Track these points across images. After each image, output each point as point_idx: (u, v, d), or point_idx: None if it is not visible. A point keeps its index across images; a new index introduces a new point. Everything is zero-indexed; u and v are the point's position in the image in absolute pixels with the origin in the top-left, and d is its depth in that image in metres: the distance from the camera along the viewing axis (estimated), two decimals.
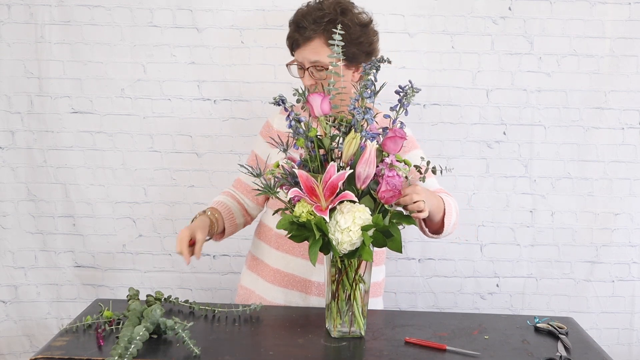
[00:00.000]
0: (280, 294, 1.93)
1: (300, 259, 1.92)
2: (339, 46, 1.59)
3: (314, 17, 1.80)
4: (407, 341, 1.64)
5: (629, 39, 2.51)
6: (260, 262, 2.00)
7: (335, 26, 1.73)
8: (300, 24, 1.82)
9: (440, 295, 2.64)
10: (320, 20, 1.80)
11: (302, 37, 1.81)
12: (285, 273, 1.94)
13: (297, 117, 1.57)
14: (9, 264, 2.60)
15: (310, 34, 1.80)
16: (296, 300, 1.93)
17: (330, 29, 1.77)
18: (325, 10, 1.82)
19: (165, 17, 2.48)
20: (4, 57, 2.49)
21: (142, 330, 1.51)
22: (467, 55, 2.52)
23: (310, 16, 1.81)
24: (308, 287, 1.93)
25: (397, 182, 1.50)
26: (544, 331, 1.76)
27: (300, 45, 1.83)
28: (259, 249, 2.02)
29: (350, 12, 1.85)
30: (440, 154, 2.54)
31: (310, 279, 1.92)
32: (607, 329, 2.65)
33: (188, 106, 2.53)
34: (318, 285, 1.92)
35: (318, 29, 1.80)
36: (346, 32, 1.78)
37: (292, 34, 1.86)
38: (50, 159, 2.55)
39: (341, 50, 1.78)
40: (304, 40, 1.81)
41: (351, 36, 1.81)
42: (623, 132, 2.56)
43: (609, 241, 2.61)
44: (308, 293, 1.93)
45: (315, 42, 1.81)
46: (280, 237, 1.94)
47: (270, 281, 1.96)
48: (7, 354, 2.61)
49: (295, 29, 1.84)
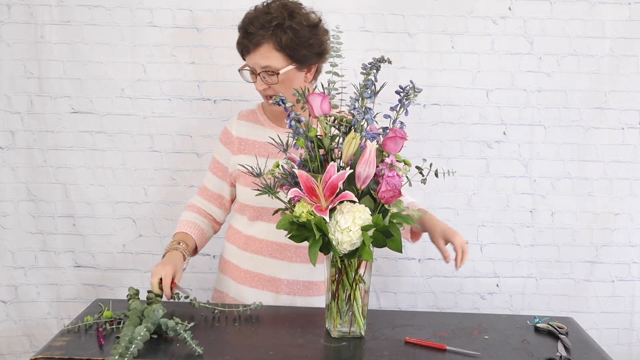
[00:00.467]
0: (251, 294, 1.94)
1: (269, 259, 1.95)
2: (337, 51, 1.59)
3: (261, 22, 1.79)
4: (407, 341, 1.64)
5: (629, 39, 2.51)
6: (231, 265, 2.02)
7: (284, 30, 1.76)
8: (248, 30, 1.80)
9: (440, 295, 2.64)
10: (268, 25, 1.78)
11: (251, 43, 1.80)
12: (255, 273, 1.96)
13: (297, 117, 1.57)
14: (9, 264, 2.60)
15: (258, 39, 1.79)
16: (267, 300, 1.95)
17: (278, 33, 1.78)
18: (272, 13, 1.80)
19: (165, 17, 2.48)
20: (4, 57, 2.49)
21: (144, 331, 1.51)
22: (467, 55, 2.52)
23: (257, 21, 1.79)
24: (278, 285, 1.95)
25: (397, 182, 1.50)
26: (544, 331, 1.76)
27: (250, 50, 1.82)
28: (230, 252, 2.05)
29: (298, 14, 1.82)
30: (440, 154, 2.54)
31: (280, 277, 1.94)
32: (607, 329, 2.65)
33: (188, 106, 2.53)
34: (288, 283, 1.95)
35: (266, 34, 1.78)
36: (295, 35, 1.79)
37: (241, 39, 1.84)
38: (50, 159, 2.55)
39: (291, 53, 1.80)
40: (253, 45, 1.80)
41: (301, 39, 1.80)
42: (623, 132, 2.56)
43: (609, 241, 2.61)
44: (278, 292, 1.95)
45: (264, 47, 1.79)
46: (248, 238, 1.98)
47: (241, 282, 1.99)
48: (7, 354, 2.61)
49: (244, 35, 1.82)
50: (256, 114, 2.02)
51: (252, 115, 2.03)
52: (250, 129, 2.00)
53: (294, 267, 1.94)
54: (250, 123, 2.01)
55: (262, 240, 1.95)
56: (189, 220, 2.00)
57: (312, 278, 1.96)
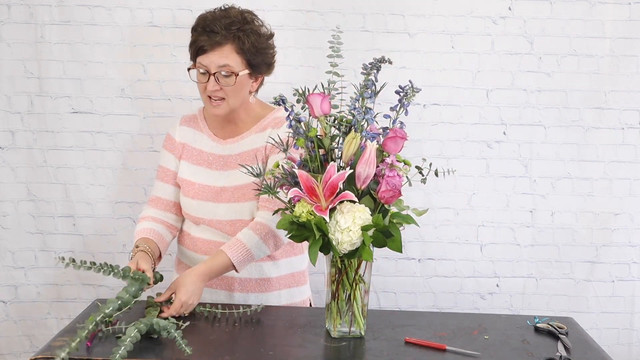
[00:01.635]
0: (206, 293, 1.94)
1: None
2: (337, 51, 1.59)
3: (224, 24, 1.83)
4: (407, 341, 1.64)
5: (629, 39, 2.50)
6: (185, 266, 2.03)
7: (247, 34, 1.82)
8: (211, 29, 1.83)
9: (440, 295, 2.64)
10: (231, 26, 1.83)
11: (212, 42, 1.83)
12: None
13: (297, 117, 1.57)
14: (9, 264, 2.60)
15: (221, 39, 1.83)
16: (222, 298, 1.97)
17: (241, 37, 1.83)
18: (232, 18, 1.85)
19: (165, 17, 2.48)
20: (4, 57, 2.49)
21: (134, 332, 1.51)
22: (467, 55, 2.51)
23: (220, 22, 1.84)
24: (231, 284, 1.97)
25: (397, 182, 1.50)
26: (544, 331, 1.76)
27: (207, 50, 1.84)
28: (183, 254, 2.07)
29: (255, 23, 1.90)
30: (440, 154, 2.54)
31: (233, 276, 1.96)
32: (607, 329, 2.65)
33: (188, 106, 2.53)
34: (241, 281, 1.97)
35: (229, 35, 1.83)
36: (256, 41, 1.86)
37: (199, 38, 1.87)
38: (50, 159, 2.55)
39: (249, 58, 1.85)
40: (214, 45, 1.84)
41: (259, 46, 1.87)
42: (623, 132, 2.56)
43: (609, 241, 2.60)
44: (232, 290, 1.97)
45: (226, 47, 1.84)
46: (198, 240, 2.00)
47: None
48: (7, 354, 2.61)
49: (204, 33, 1.85)
50: (197, 120, 2.06)
51: (193, 121, 2.07)
52: (191, 134, 2.04)
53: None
54: (191, 129, 2.05)
55: (210, 241, 1.97)
56: (144, 229, 1.99)
57: (264, 275, 1.99)
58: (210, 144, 2.00)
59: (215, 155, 1.99)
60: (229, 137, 1.99)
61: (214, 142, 2.00)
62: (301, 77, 2.37)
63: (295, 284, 2.06)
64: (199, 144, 2.02)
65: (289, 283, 2.04)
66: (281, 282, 2.02)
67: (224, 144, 1.99)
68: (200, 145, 2.01)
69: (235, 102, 1.90)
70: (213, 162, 1.98)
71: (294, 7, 2.44)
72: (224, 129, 2.00)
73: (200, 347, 1.55)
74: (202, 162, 2.00)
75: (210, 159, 1.99)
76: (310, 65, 2.42)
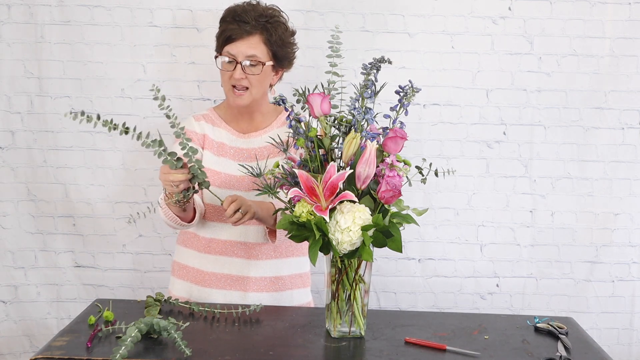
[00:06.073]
0: (219, 295, 1.95)
1: (234, 259, 1.96)
2: (337, 51, 1.60)
3: (254, 15, 1.89)
4: (407, 341, 1.64)
5: (629, 39, 2.50)
6: (191, 269, 2.02)
7: (275, 27, 1.89)
8: (242, 19, 1.89)
9: (440, 295, 2.64)
10: (260, 18, 1.90)
11: (242, 31, 1.89)
12: (221, 275, 1.97)
13: (297, 117, 1.57)
14: (9, 264, 2.60)
15: (251, 29, 1.89)
16: (235, 299, 1.96)
17: (269, 28, 1.90)
18: (261, 11, 1.92)
19: (165, 17, 2.48)
20: (4, 57, 2.49)
21: (135, 332, 1.51)
22: (467, 55, 2.51)
23: (250, 13, 1.90)
24: (246, 284, 1.97)
25: (397, 182, 1.50)
26: (544, 331, 1.76)
27: (236, 39, 1.89)
28: (187, 256, 2.03)
29: (282, 19, 1.96)
30: (440, 154, 2.54)
31: (248, 276, 1.96)
32: (607, 329, 2.65)
33: (188, 106, 2.53)
34: (256, 280, 1.97)
35: (258, 26, 1.89)
36: (283, 34, 1.93)
37: (228, 27, 1.91)
38: (50, 159, 2.55)
39: (275, 50, 1.90)
40: (244, 34, 1.89)
41: (285, 40, 1.94)
42: (623, 132, 2.56)
43: (609, 241, 2.60)
44: (246, 290, 1.97)
45: (255, 37, 1.89)
46: (211, 241, 1.98)
47: (207, 285, 1.99)
48: (7, 354, 2.61)
49: (234, 22, 1.90)
50: (211, 117, 2.07)
51: (206, 118, 2.07)
52: (209, 129, 2.04)
53: (261, 264, 1.97)
54: (207, 124, 2.05)
55: (226, 241, 1.96)
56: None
57: (279, 273, 1.99)
58: (230, 138, 2.01)
59: (236, 148, 2.00)
60: (250, 131, 2.01)
61: (234, 136, 2.01)
62: (301, 77, 2.37)
63: (299, 285, 2.06)
64: (219, 138, 2.02)
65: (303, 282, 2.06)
66: (293, 282, 2.03)
67: (246, 137, 2.01)
68: (220, 139, 2.02)
69: (258, 92, 1.93)
70: (235, 154, 1.99)
71: (293, 7, 2.43)
72: (240, 123, 2.02)
73: (200, 347, 1.55)
74: (224, 153, 2.00)
75: (231, 151, 2.00)
76: (310, 65, 2.43)
